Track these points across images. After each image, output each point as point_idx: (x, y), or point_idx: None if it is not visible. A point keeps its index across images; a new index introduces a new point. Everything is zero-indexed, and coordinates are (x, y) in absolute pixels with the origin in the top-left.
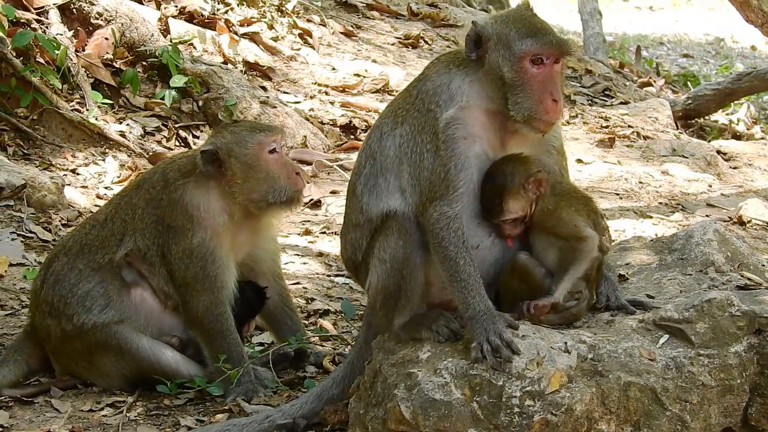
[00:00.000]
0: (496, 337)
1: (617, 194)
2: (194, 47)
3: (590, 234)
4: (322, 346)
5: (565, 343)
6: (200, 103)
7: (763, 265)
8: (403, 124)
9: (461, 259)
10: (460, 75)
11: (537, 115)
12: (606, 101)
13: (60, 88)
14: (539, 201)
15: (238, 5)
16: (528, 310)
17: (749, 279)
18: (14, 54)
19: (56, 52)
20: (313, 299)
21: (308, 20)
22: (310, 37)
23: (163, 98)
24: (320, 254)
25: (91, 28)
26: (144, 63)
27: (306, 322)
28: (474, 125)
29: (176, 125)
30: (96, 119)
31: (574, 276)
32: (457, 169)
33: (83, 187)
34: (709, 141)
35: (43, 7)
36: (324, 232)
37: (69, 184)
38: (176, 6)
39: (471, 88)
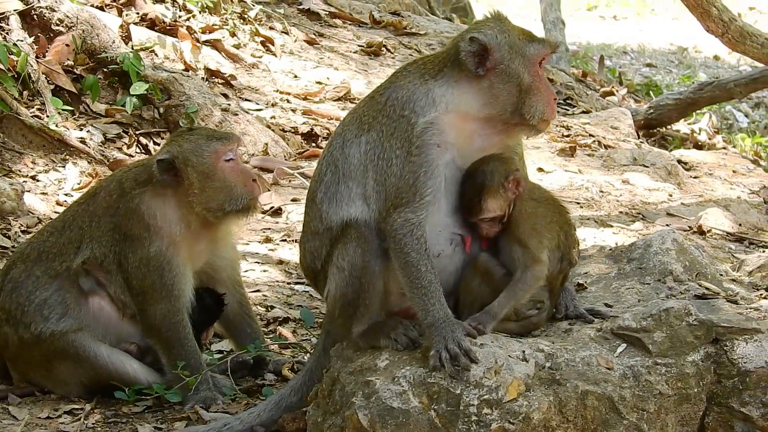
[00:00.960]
0: (455, 345)
1: (578, 203)
2: (155, 54)
3: (545, 260)
4: (281, 353)
5: (523, 351)
6: (161, 110)
7: (722, 275)
8: (370, 130)
9: (423, 266)
10: (440, 84)
11: (546, 116)
12: (568, 110)
13: (20, 94)
14: (517, 201)
15: (200, 12)
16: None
17: (707, 288)
18: None
19: (16, 58)
20: (272, 307)
21: (270, 28)
22: (272, 44)
23: (123, 105)
24: (280, 262)
25: (51, 35)
26: (105, 70)
27: (265, 329)
28: (450, 132)
29: (137, 132)
30: (56, 126)
31: (517, 302)
32: (426, 176)
33: (43, 193)
34: (671, 150)
35: (3, 13)
36: (284, 240)
37: (29, 191)
38: (137, 13)
39: (459, 97)
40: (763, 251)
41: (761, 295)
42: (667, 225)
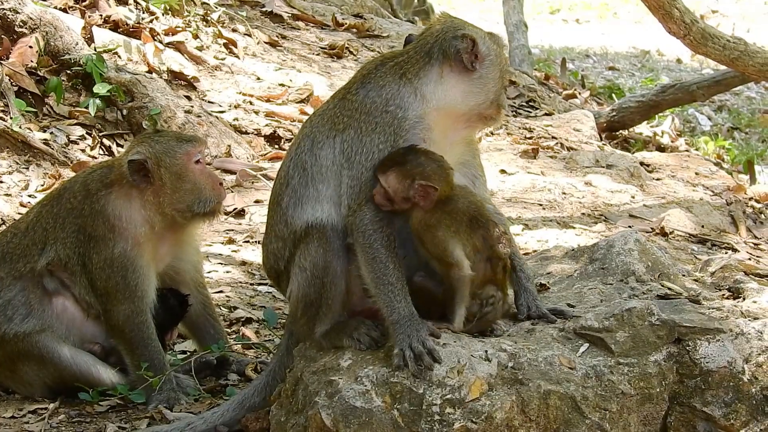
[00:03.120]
0: (419, 344)
1: (540, 205)
2: (119, 56)
3: (457, 259)
4: (245, 354)
5: (486, 351)
6: (124, 111)
7: (684, 275)
8: (346, 129)
9: (391, 263)
10: (426, 82)
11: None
12: (530, 112)
13: None
14: (417, 209)
15: (163, 14)
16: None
17: (669, 288)
18: None
19: None
20: (235, 307)
21: (233, 30)
22: (235, 46)
23: (87, 107)
24: (243, 263)
25: (15, 36)
26: (68, 71)
27: (228, 330)
28: (435, 129)
29: (100, 134)
30: (20, 127)
31: (462, 302)
32: None
33: (7, 195)
34: (633, 153)
35: None
36: (247, 241)
37: None
38: (101, 15)
39: (446, 93)
40: (725, 252)
41: (723, 295)
42: (629, 226)
